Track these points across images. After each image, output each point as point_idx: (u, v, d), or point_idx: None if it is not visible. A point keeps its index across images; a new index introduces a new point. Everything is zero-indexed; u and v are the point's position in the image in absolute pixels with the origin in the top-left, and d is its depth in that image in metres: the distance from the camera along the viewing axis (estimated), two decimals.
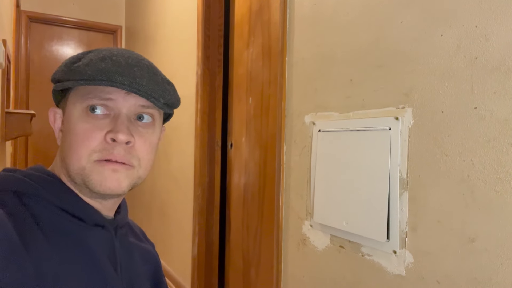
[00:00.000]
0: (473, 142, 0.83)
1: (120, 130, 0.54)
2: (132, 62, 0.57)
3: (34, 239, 0.51)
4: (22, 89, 3.57)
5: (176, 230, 2.59)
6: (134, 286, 0.64)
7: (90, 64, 0.55)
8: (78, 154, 0.55)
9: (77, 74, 0.55)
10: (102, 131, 0.55)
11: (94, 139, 0.55)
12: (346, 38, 1.18)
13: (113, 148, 0.55)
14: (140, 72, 0.56)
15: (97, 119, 0.56)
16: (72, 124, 0.56)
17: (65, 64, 0.59)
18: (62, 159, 0.59)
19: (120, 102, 0.56)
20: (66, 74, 0.57)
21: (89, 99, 0.56)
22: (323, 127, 1.24)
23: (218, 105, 2.29)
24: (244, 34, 2.01)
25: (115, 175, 0.55)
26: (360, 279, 1.10)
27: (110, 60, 0.56)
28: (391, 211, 1.00)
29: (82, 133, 0.55)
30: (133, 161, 0.57)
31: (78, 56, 0.59)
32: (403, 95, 0.99)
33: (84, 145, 0.55)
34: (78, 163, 0.55)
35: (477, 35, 0.83)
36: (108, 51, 0.58)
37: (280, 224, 1.45)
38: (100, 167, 0.55)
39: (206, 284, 2.26)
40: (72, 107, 0.57)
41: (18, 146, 3.50)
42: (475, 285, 0.82)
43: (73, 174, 0.56)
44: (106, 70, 0.54)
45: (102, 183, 0.55)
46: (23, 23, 3.57)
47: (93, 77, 0.54)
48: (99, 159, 0.55)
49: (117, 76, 0.54)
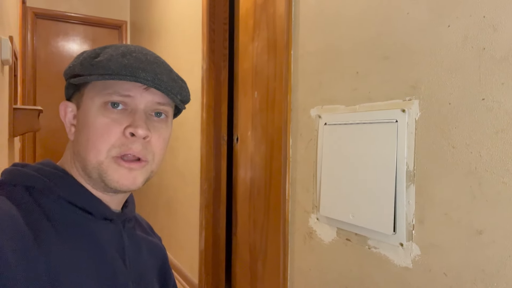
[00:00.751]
0: (481, 134, 0.82)
1: (139, 125, 0.56)
2: (150, 58, 0.58)
3: (44, 233, 0.52)
4: (30, 85, 3.60)
5: (183, 224, 2.61)
6: (142, 278, 0.65)
7: (112, 59, 0.56)
8: (97, 148, 0.56)
9: (100, 68, 0.55)
10: (121, 126, 0.56)
11: (114, 134, 0.56)
12: (352, 30, 1.17)
13: (132, 143, 0.56)
14: (159, 68, 0.58)
15: (116, 114, 0.56)
16: (90, 118, 0.57)
17: (84, 59, 0.58)
18: (76, 153, 0.59)
19: (138, 98, 0.57)
20: (87, 69, 0.57)
21: (108, 95, 0.56)
22: (329, 120, 1.24)
23: (223, 100, 2.29)
24: (249, 27, 2.00)
25: (131, 174, 0.57)
26: (367, 271, 1.10)
27: (130, 56, 0.57)
28: (397, 204, 0.99)
29: (101, 127, 0.56)
30: (148, 156, 0.59)
31: (96, 52, 0.59)
32: (410, 87, 0.98)
33: (103, 140, 0.56)
34: (96, 158, 0.56)
35: (485, 25, 0.82)
36: (125, 47, 0.59)
37: (287, 217, 1.45)
38: (116, 165, 0.56)
39: (213, 278, 2.28)
40: (90, 101, 0.57)
41: (26, 141, 3.53)
42: (483, 277, 0.82)
43: (90, 168, 0.57)
44: (129, 66, 0.55)
45: (119, 180, 0.56)
46: (29, 20, 3.59)
47: (117, 71, 0.54)
48: (118, 155, 0.56)
49: (141, 72, 0.55)
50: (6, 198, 0.52)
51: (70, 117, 0.61)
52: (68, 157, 0.61)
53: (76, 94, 0.61)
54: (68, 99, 0.63)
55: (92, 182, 0.59)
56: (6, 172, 0.58)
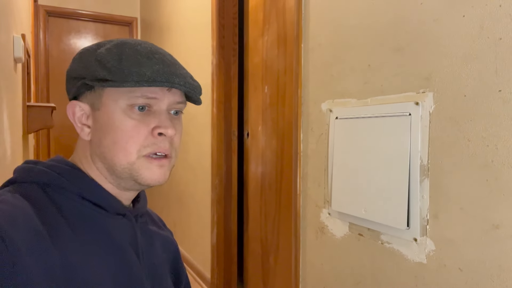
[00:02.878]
0: (497, 126, 0.80)
1: (169, 126, 0.58)
2: (170, 59, 0.60)
3: (58, 229, 0.52)
4: (43, 83, 3.65)
5: (195, 219, 2.63)
6: (156, 272, 0.65)
7: (142, 64, 0.56)
8: (127, 150, 0.57)
9: (134, 75, 0.55)
10: (149, 127, 0.58)
11: (142, 135, 0.57)
12: (363, 21, 1.15)
13: (160, 142, 0.58)
14: (180, 70, 0.59)
15: (141, 116, 0.58)
16: (115, 121, 0.57)
17: (104, 61, 0.56)
18: (98, 154, 0.59)
19: (162, 100, 0.59)
20: (117, 74, 0.55)
21: (135, 98, 0.57)
22: (341, 114, 1.22)
23: (234, 95, 2.28)
24: (259, 21, 1.99)
25: (162, 170, 0.59)
26: (380, 267, 1.09)
27: (154, 58, 0.57)
28: (411, 198, 0.98)
29: (129, 129, 0.57)
30: (172, 152, 0.61)
31: (115, 52, 0.57)
32: (424, 79, 0.96)
33: (133, 141, 0.57)
34: (127, 159, 0.57)
35: (502, 14, 0.79)
36: (140, 46, 0.59)
37: (298, 212, 1.44)
38: (148, 163, 0.58)
39: (225, 272, 2.29)
40: (113, 103, 0.57)
41: (41, 138, 3.59)
42: (499, 273, 0.80)
43: (120, 169, 0.58)
44: (163, 71, 0.56)
45: (153, 177, 0.59)
46: (41, 18, 3.63)
47: (154, 78, 0.55)
48: (148, 153, 0.58)
49: (175, 77, 0.57)
50: (20, 195, 0.53)
51: (81, 117, 0.60)
52: (82, 155, 0.61)
53: (90, 95, 0.59)
54: (74, 97, 0.61)
55: (118, 181, 0.60)
56: (19, 170, 0.58)
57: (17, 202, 0.51)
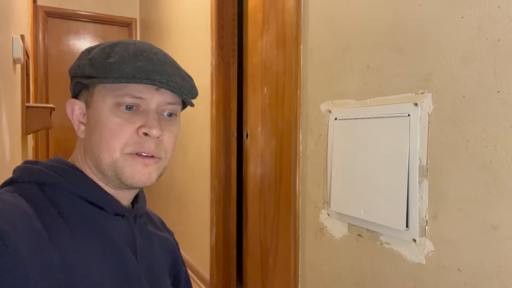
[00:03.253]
0: (496, 127, 0.80)
1: (153, 126, 0.57)
2: (161, 58, 0.59)
3: (57, 228, 0.52)
4: (42, 84, 3.65)
5: (194, 220, 2.62)
6: (154, 273, 0.65)
7: (125, 61, 0.56)
8: (111, 147, 0.57)
9: (114, 71, 0.55)
10: (134, 126, 0.57)
11: (127, 133, 0.57)
12: (362, 22, 1.15)
13: (145, 142, 0.57)
14: (170, 68, 0.58)
15: (128, 114, 0.57)
16: (102, 118, 0.57)
17: (93, 59, 0.58)
18: (88, 152, 0.60)
19: (150, 99, 0.58)
20: (100, 71, 0.56)
21: (121, 96, 0.57)
22: (340, 115, 1.22)
23: (233, 95, 2.28)
24: (258, 22, 1.99)
25: (146, 169, 0.58)
26: (379, 267, 1.09)
27: (142, 56, 0.57)
28: (410, 199, 0.98)
29: (114, 127, 0.56)
30: (161, 153, 0.60)
31: (105, 51, 0.58)
32: (423, 80, 0.96)
33: (116, 139, 0.57)
34: (111, 156, 0.57)
35: (500, 15, 0.79)
36: (134, 45, 0.59)
37: (297, 213, 1.44)
38: (131, 161, 0.57)
39: (224, 273, 2.29)
40: (101, 101, 0.58)
41: (40, 139, 3.58)
42: (498, 273, 0.80)
43: (105, 167, 0.58)
44: (144, 69, 0.55)
45: (135, 176, 0.58)
46: (40, 18, 3.63)
47: (132, 75, 0.55)
48: (131, 152, 0.57)
49: (156, 75, 0.56)
50: (19, 195, 0.53)
51: (78, 115, 0.61)
52: (79, 154, 0.62)
53: (85, 93, 0.61)
54: (75, 96, 0.63)
55: (106, 180, 0.60)
56: (18, 170, 0.58)
57: (16, 201, 0.51)
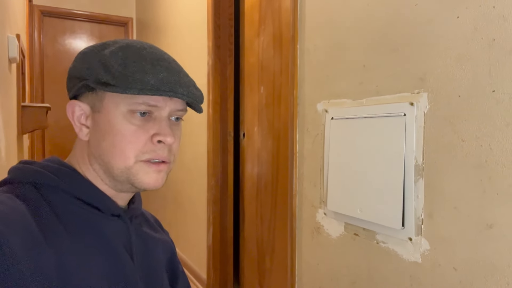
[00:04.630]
0: (491, 127, 0.81)
1: (168, 134, 0.59)
2: (175, 67, 0.60)
3: (53, 229, 0.52)
4: (37, 83, 3.63)
5: (191, 219, 2.62)
6: (150, 274, 0.65)
7: (147, 72, 0.55)
8: (125, 154, 0.57)
9: (138, 83, 0.54)
10: (148, 133, 0.58)
11: (142, 141, 0.58)
12: (359, 22, 1.15)
13: (159, 149, 0.59)
14: (184, 78, 0.59)
15: (142, 121, 0.58)
16: (116, 124, 0.57)
17: (108, 64, 0.56)
18: (96, 156, 0.59)
19: (163, 108, 0.59)
20: (119, 80, 0.55)
21: (137, 105, 0.57)
22: (336, 115, 1.23)
23: (229, 95, 2.28)
24: (254, 22, 1.99)
25: (160, 175, 0.60)
26: (375, 266, 1.10)
27: (159, 66, 0.57)
28: (406, 198, 0.98)
29: (128, 134, 0.57)
30: (171, 158, 0.62)
31: (119, 56, 0.56)
32: (418, 79, 0.97)
33: (131, 146, 0.57)
34: (125, 163, 0.58)
35: (495, 16, 0.80)
36: (145, 50, 0.58)
37: (294, 212, 1.45)
38: (147, 168, 0.59)
39: (221, 272, 2.29)
40: (113, 107, 0.57)
41: (35, 139, 3.57)
42: (493, 271, 0.81)
43: (117, 172, 0.58)
44: (167, 81, 0.56)
45: (150, 182, 0.60)
46: (35, 18, 3.61)
47: (157, 87, 0.55)
48: (146, 159, 0.58)
49: (178, 87, 0.57)
50: (15, 196, 0.53)
51: (80, 117, 0.60)
52: (79, 156, 0.61)
53: (91, 96, 0.59)
54: (74, 97, 0.61)
55: (114, 183, 0.60)
56: (14, 170, 0.58)
57: (11, 202, 0.51)
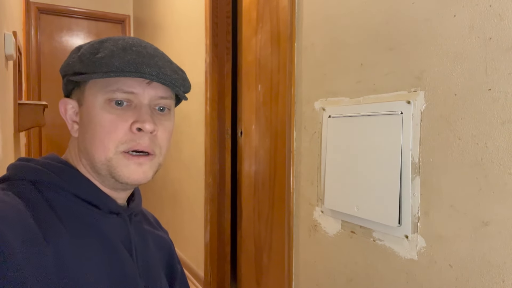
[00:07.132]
0: (487, 125, 0.81)
1: (146, 120, 0.56)
2: (150, 51, 0.58)
3: (52, 226, 0.52)
4: (34, 81, 3.61)
5: (188, 217, 2.62)
6: (149, 271, 0.65)
7: (114, 55, 0.55)
8: (104, 145, 0.56)
9: (103, 66, 0.54)
10: (127, 122, 0.56)
11: (120, 130, 0.56)
12: (356, 21, 1.16)
13: (139, 138, 0.56)
14: (161, 61, 0.57)
15: (121, 110, 0.56)
16: (95, 116, 0.56)
17: (83, 55, 0.57)
18: (82, 150, 0.59)
19: (142, 94, 0.57)
20: (89, 66, 0.55)
21: (112, 92, 0.56)
22: (333, 113, 1.23)
23: (227, 93, 2.28)
24: (252, 20, 1.99)
25: (141, 168, 0.57)
26: (372, 263, 1.11)
27: (131, 50, 0.56)
28: (403, 196, 0.99)
29: (107, 124, 0.55)
30: (155, 149, 0.59)
31: (95, 47, 0.57)
32: (415, 78, 0.97)
33: (110, 137, 0.55)
34: (105, 155, 0.56)
35: (491, 14, 0.80)
36: (123, 40, 0.58)
37: (291, 210, 1.45)
38: (126, 160, 0.56)
39: (219, 270, 2.30)
40: (92, 98, 0.57)
41: (32, 136, 3.55)
42: (489, 268, 0.81)
43: (99, 165, 0.57)
44: (133, 62, 0.54)
45: (130, 176, 0.57)
46: (32, 15, 3.59)
47: (122, 68, 0.54)
48: (126, 150, 0.56)
49: (145, 67, 0.55)
50: (13, 193, 0.53)
51: (71, 114, 0.61)
52: (73, 153, 0.61)
53: (76, 91, 0.60)
54: (67, 95, 0.62)
55: (101, 179, 0.59)
56: (12, 167, 0.58)
57: (9, 200, 0.51)
